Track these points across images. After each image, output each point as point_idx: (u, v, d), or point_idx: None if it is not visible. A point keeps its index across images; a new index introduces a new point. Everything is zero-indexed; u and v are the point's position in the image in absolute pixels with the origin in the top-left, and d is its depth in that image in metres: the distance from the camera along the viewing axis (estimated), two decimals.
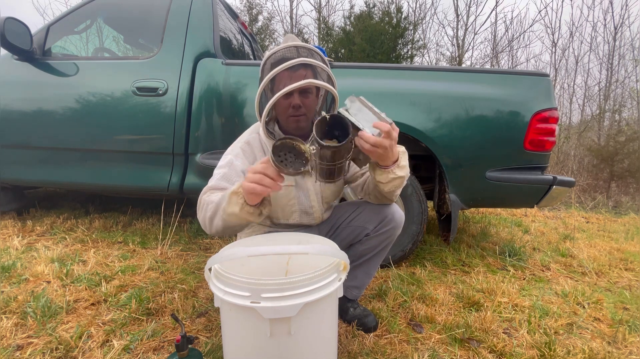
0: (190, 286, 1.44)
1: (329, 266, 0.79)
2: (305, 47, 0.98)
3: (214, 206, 0.92)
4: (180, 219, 2.27)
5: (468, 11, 8.81)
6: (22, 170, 2.02)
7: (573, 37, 7.97)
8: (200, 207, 0.99)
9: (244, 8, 9.22)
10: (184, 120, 1.83)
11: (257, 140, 1.13)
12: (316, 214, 1.18)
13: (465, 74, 1.76)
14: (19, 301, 1.24)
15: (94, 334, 1.09)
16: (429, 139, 1.68)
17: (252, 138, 1.13)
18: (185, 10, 1.94)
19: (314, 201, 1.15)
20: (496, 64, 8.90)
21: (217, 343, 1.06)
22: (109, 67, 1.96)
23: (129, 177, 1.93)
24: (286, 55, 0.96)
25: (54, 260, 1.64)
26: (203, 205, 0.98)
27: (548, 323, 1.28)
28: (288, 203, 1.12)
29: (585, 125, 7.24)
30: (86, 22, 2.24)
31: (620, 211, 4.10)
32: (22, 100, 1.96)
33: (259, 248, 0.78)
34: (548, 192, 1.72)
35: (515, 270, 1.86)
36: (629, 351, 1.16)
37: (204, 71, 1.85)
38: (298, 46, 0.97)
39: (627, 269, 1.96)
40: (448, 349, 1.10)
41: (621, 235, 2.72)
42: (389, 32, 7.44)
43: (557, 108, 1.71)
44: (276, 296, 0.70)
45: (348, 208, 1.23)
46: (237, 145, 1.12)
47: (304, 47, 0.97)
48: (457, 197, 1.75)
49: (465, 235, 2.44)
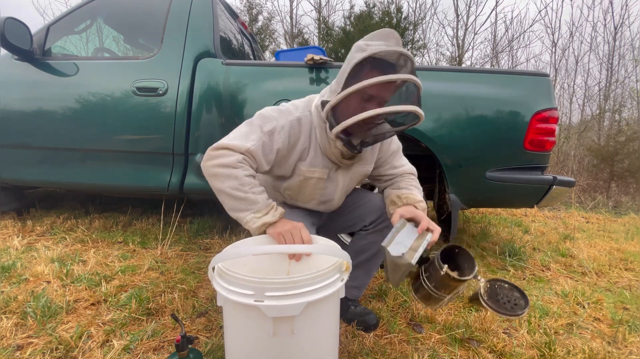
0: (190, 286, 1.44)
1: (332, 266, 0.79)
2: (411, 58, 0.88)
3: (231, 191, 0.88)
4: (180, 219, 2.27)
5: (468, 11, 8.81)
6: (22, 170, 2.02)
7: (573, 37, 7.98)
8: (219, 165, 0.89)
9: (244, 8, 9.22)
10: (184, 120, 1.83)
11: (308, 121, 1.02)
12: (333, 204, 1.17)
13: (465, 74, 1.76)
14: (19, 301, 1.24)
15: (94, 334, 1.09)
16: (429, 139, 1.67)
17: (304, 117, 1.01)
18: (185, 10, 1.94)
19: (336, 195, 1.14)
20: (496, 64, 8.90)
21: (217, 343, 1.06)
22: (109, 67, 1.95)
23: (129, 177, 1.93)
24: (390, 60, 0.88)
25: (54, 260, 1.64)
26: (224, 169, 0.88)
27: (548, 323, 1.28)
28: (313, 192, 1.10)
29: (585, 125, 7.24)
30: (86, 22, 2.24)
31: (620, 211, 4.10)
32: (22, 100, 1.96)
33: (263, 247, 0.79)
34: (548, 192, 1.72)
35: (515, 270, 1.86)
36: (629, 351, 1.16)
37: (204, 71, 1.85)
38: (407, 57, 0.87)
39: (627, 269, 1.96)
40: (448, 349, 1.10)
41: (621, 235, 2.72)
42: None
43: (557, 108, 1.71)
44: (280, 295, 0.70)
45: (355, 196, 1.23)
46: (286, 117, 0.99)
47: (411, 58, 0.88)
48: (457, 197, 1.75)
49: (465, 235, 2.44)
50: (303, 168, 1.04)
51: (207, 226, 2.31)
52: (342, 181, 1.12)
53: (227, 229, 2.27)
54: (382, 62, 0.88)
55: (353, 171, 1.11)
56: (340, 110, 0.94)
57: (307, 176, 1.05)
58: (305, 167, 1.04)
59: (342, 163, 1.06)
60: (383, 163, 1.18)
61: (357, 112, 0.88)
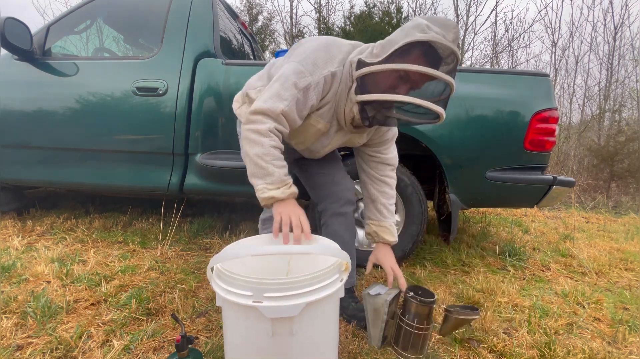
0: (190, 286, 1.44)
1: (331, 267, 0.79)
2: (458, 59, 0.87)
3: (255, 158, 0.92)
4: (180, 219, 2.27)
5: (468, 11, 8.82)
6: (22, 170, 2.02)
7: (573, 37, 7.97)
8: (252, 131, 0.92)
9: (244, 8, 9.22)
10: (184, 120, 1.83)
11: (339, 77, 0.99)
12: (318, 156, 1.22)
13: (465, 74, 1.76)
14: (19, 301, 1.24)
15: (94, 334, 1.09)
16: (429, 139, 1.68)
17: (339, 72, 0.99)
18: (185, 10, 1.94)
19: (325, 149, 1.17)
20: (496, 64, 8.90)
21: (217, 343, 1.06)
22: (109, 67, 1.95)
23: (129, 177, 1.93)
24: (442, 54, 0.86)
25: (54, 260, 1.64)
26: (255, 135, 0.92)
27: (548, 323, 1.28)
28: (308, 138, 1.11)
29: (585, 125, 7.24)
30: (86, 22, 2.24)
31: (620, 211, 4.10)
32: (22, 100, 1.96)
33: (262, 248, 0.79)
34: (548, 192, 1.72)
35: (515, 270, 1.86)
36: (629, 351, 1.16)
37: (204, 71, 1.85)
38: (456, 57, 0.86)
39: (627, 269, 1.96)
40: (448, 350, 1.10)
41: (621, 235, 2.72)
42: (389, 32, 7.40)
43: (557, 108, 1.71)
44: (279, 296, 0.70)
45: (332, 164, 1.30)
46: (321, 71, 0.96)
47: (458, 59, 0.87)
48: (457, 197, 1.75)
49: (465, 235, 2.44)
50: (312, 115, 1.05)
51: (207, 226, 2.31)
52: (336, 142, 1.15)
53: (227, 229, 2.27)
54: (434, 51, 0.86)
55: (349, 137, 1.14)
56: (373, 77, 0.92)
57: (311, 123, 1.06)
58: (315, 116, 1.05)
59: (347, 127, 1.07)
60: (373, 144, 1.20)
61: (388, 87, 0.90)
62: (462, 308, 1.04)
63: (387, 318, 1.06)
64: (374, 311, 1.06)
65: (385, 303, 1.03)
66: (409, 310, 1.03)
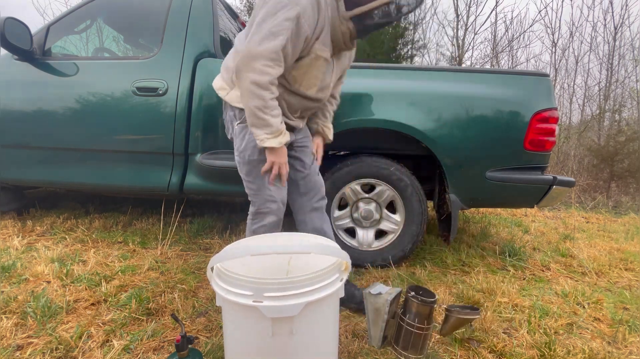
0: (190, 286, 1.44)
1: (331, 266, 0.79)
2: None
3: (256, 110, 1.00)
4: (180, 219, 2.27)
5: (468, 11, 8.80)
6: (22, 170, 2.02)
7: (573, 37, 7.95)
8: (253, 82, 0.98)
9: (244, 8, 9.21)
10: (184, 120, 1.83)
11: None
12: (328, 93, 1.25)
13: (465, 74, 1.76)
14: (19, 301, 1.24)
15: (94, 334, 1.09)
16: (429, 139, 1.67)
17: None
18: (185, 10, 1.94)
19: (333, 78, 1.21)
20: (496, 64, 8.89)
21: (217, 343, 1.06)
22: (109, 67, 1.95)
23: (129, 177, 1.93)
24: None
25: (54, 260, 1.64)
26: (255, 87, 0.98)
27: (548, 323, 1.28)
28: (317, 75, 1.13)
29: (585, 125, 7.23)
30: (86, 22, 2.24)
31: (620, 211, 4.10)
32: (22, 100, 1.96)
33: (262, 247, 0.79)
34: (548, 192, 1.72)
35: (515, 270, 1.86)
36: (629, 351, 1.16)
37: (204, 71, 1.85)
38: None
39: (627, 269, 1.96)
40: (448, 350, 1.10)
41: (621, 235, 2.72)
42: (389, 32, 7.43)
43: (557, 108, 1.71)
44: (279, 296, 0.70)
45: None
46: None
47: None
48: (457, 197, 1.75)
49: (465, 235, 2.44)
50: (317, 46, 1.07)
51: (207, 226, 2.31)
52: (336, 68, 1.20)
53: (227, 229, 2.27)
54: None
55: (342, 62, 1.23)
56: None
57: (318, 54, 1.08)
58: (318, 45, 1.07)
59: (346, 45, 1.12)
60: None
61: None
62: (462, 308, 1.05)
63: (388, 318, 1.06)
64: (375, 311, 1.07)
65: (386, 302, 1.04)
66: (410, 310, 1.04)
